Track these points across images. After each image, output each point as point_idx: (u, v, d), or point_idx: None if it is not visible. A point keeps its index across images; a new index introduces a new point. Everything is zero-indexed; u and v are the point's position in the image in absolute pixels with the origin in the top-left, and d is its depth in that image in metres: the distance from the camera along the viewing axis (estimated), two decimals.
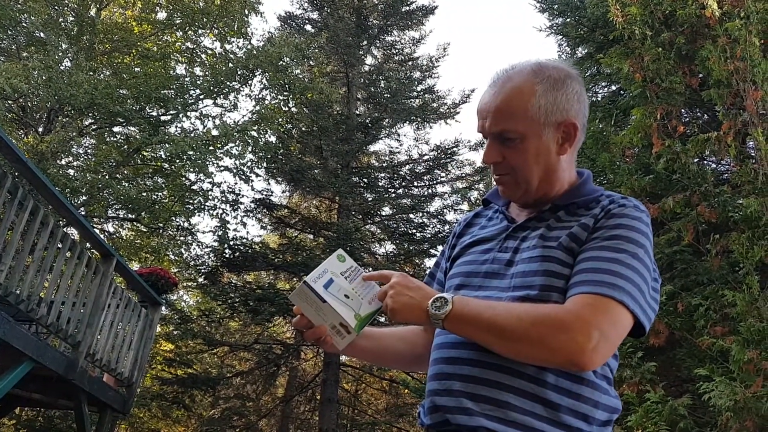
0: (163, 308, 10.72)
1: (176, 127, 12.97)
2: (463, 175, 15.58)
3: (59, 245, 4.90)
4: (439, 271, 1.40)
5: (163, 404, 14.44)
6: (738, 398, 4.25)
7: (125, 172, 13.05)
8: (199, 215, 13.14)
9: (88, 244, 6.49)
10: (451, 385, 1.12)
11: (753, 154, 5.57)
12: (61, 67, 11.67)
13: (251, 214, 14.24)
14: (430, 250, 13.92)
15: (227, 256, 13.37)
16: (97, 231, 12.10)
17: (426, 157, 15.68)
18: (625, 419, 4.86)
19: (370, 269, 13.53)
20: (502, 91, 1.21)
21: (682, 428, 4.69)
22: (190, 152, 11.27)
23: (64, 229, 5.37)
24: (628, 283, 1.08)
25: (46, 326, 4.76)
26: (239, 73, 13.13)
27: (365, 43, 16.68)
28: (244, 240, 13.51)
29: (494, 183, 1.29)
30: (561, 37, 9.42)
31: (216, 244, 13.52)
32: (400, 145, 21.06)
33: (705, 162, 6.78)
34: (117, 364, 6.03)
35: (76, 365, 5.14)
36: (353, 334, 1.17)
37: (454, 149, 15.10)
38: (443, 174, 15.59)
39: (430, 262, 14.79)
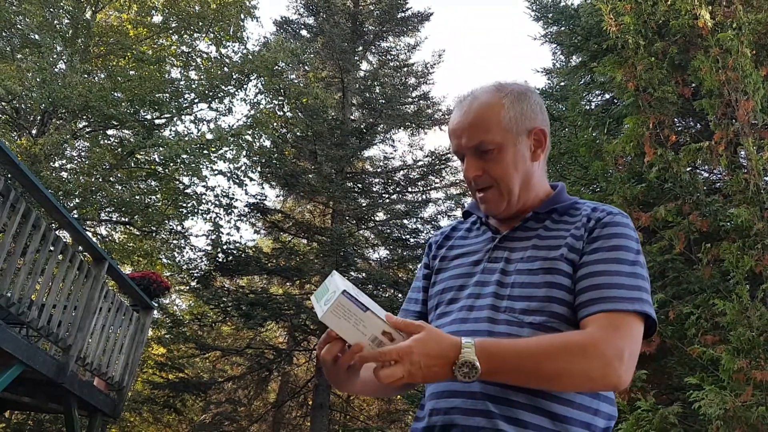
0: (155, 312, 10.67)
1: (170, 130, 12.96)
2: (457, 181, 15.57)
3: (51, 248, 4.89)
4: (420, 293, 1.39)
5: (154, 408, 14.36)
6: (728, 407, 4.26)
7: (119, 175, 12.99)
8: (192, 219, 13.13)
9: (80, 247, 6.47)
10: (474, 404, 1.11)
11: (744, 164, 5.60)
12: (56, 70, 11.65)
13: (245, 219, 14.20)
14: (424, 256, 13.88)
15: (220, 260, 13.33)
16: (90, 234, 12.05)
17: (420, 163, 15.70)
18: (615, 427, 4.87)
19: (364, 275, 13.53)
20: (471, 109, 1.27)
21: None
22: (184, 156, 11.26)
23: (56, 232, 5.35)
24: (643, 293, 1.13)
25: (36, 329, 4.74)
26: (234, 77, 13.13)
27: (360, 48, 16.72)
28: (238, 244, 13.48)
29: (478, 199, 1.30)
30: (555, 45, 9.48)
31: (209, 248, 13.48)
32: (395, 150, 21.12)
33: (697, 171, 6.81)
34: (108, 368, 6.00)
35: (66, 369, 5.12)
36: (398, 339, 1.04)
37: (449, 155, 15.10)
38: (437, 180, 15.61)
39: None
